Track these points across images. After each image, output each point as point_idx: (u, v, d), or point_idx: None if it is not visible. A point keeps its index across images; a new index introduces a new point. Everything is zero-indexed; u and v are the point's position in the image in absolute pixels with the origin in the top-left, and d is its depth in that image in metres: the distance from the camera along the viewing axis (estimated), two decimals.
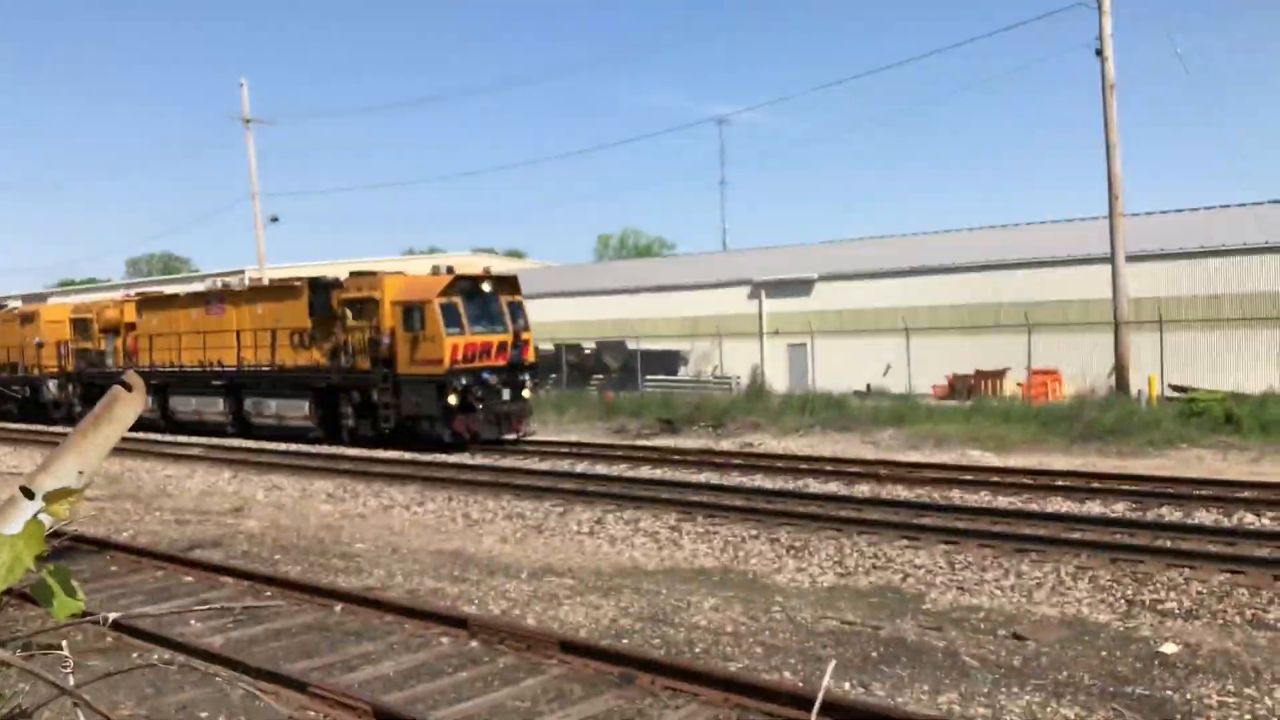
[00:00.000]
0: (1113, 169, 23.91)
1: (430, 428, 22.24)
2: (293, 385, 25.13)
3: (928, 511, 13.42)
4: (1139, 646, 7.95)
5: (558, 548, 12.67)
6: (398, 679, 7.37)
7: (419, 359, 22.06)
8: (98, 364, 32.22)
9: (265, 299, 26.45)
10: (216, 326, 27.57)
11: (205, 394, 28.08)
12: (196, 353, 28.14)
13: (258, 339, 26.01)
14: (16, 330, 36.92)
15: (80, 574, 11.22)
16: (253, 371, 26.32)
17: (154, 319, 30.13)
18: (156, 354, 29.60)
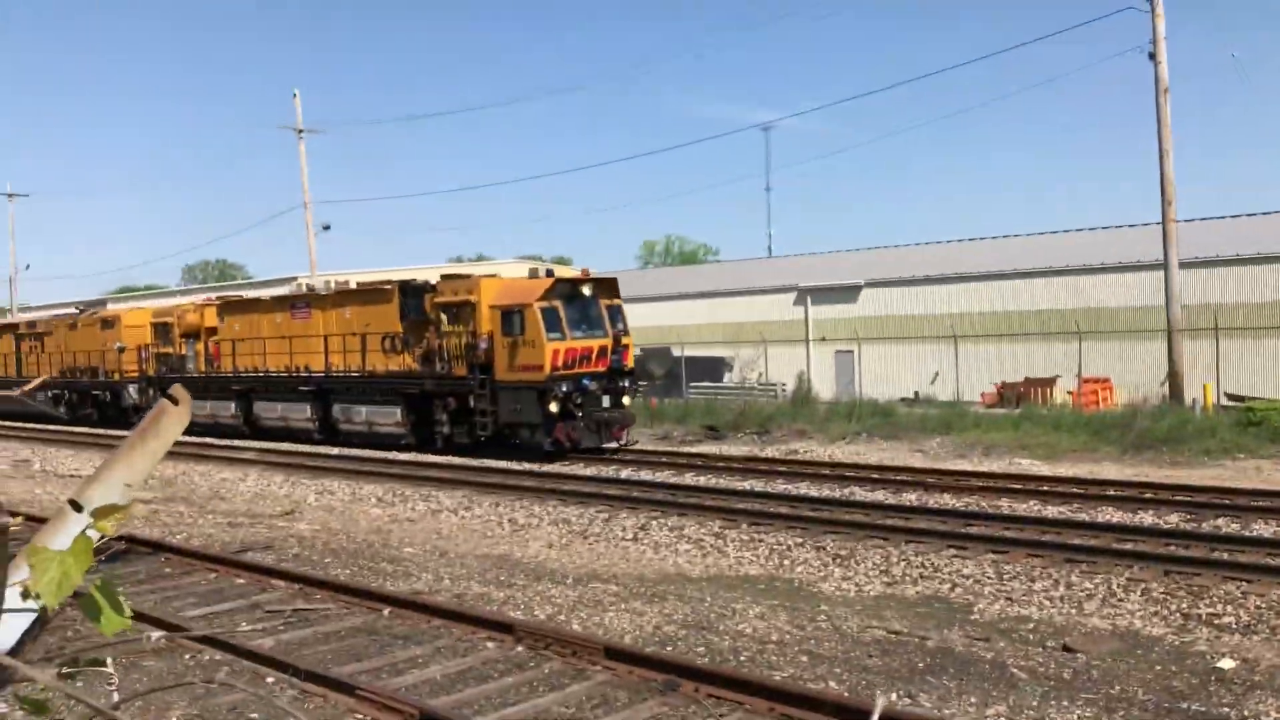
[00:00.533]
0: (1165, 173, 23.50)
1: (530, 435, 21.53)
2: (384, 391, 24.48)
3: (976, 520, 13.27)
4: (1195, 661, 7.79)
5: (602, 553, 12.70)
6: (444, 683, 7.43)
7: (518, 364, 21.35)
8: (178, 369, 31.81)
9: (353, 303, 25.82)
10: (302, 331, 27.05)
11: (291, 400, 27.31)
12: (281, 357, 27.52)
13: (346, 344, 25.45)
14: (96, 335, 36.43)
15: (135, 575, 11.46)
16: (341, 377, 25.73)
17: (236, 323, 29.70)
18: (239, 359, 29.21)
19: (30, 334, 41.41)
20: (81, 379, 36.84)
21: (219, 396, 29.75)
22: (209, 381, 30.00)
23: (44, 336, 40.01)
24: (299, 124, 42.56)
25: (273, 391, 27.96)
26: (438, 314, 23.39)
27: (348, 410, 25.57)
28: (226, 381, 29.53)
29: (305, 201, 42.85)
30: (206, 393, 29.65)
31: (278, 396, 27.80)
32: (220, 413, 29.86)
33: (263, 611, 9.72)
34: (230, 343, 29.59)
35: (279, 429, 27.78)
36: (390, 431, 24.43)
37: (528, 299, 21.30)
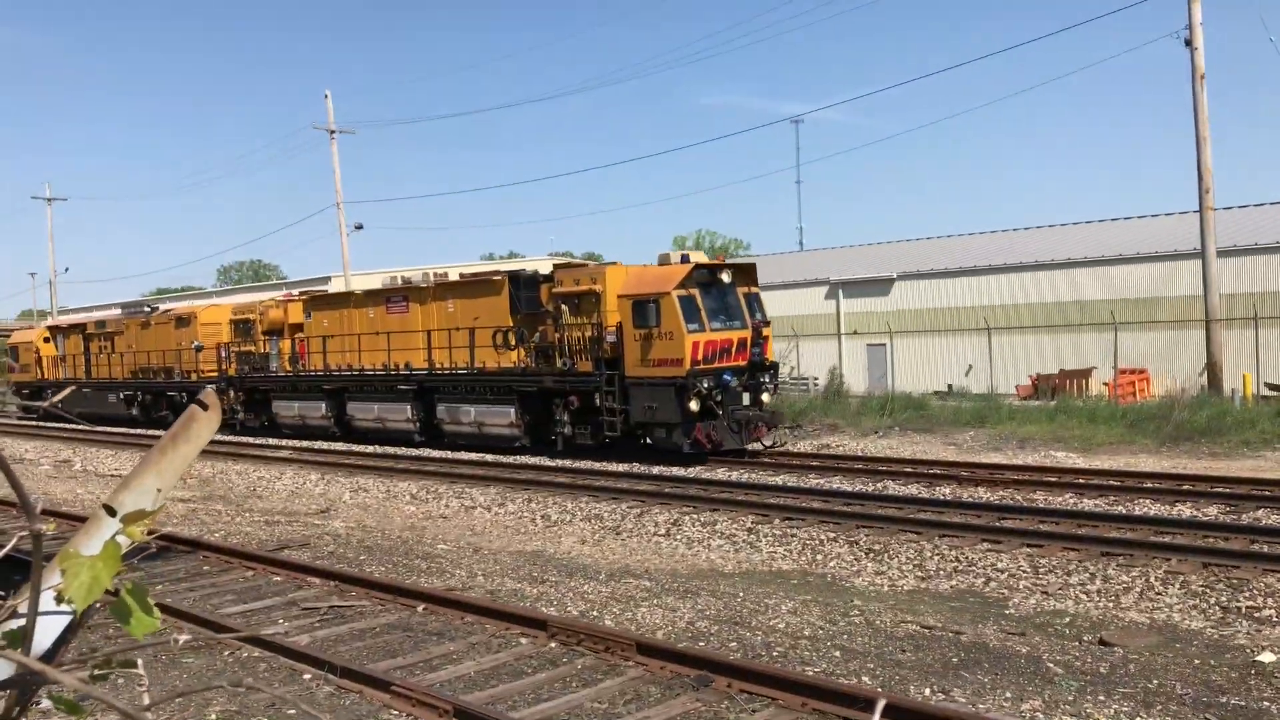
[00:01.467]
0: (1203, 161, 23.17)
1: (666, 436, 19.79)
2: (495, 390, 22.80)
3: (1010, 514, 13.16)
4: (1234, 655, 7.70)
5: (635, 549, 12.73)
6: (478, 679, 7.48)
7: (653, 359, 19.57)
8: (261, 368, 30.38)
9: (457, 295, 24.21)
10: (400, 326, 25.43)
11: (389, 399, 25.67)
12: (377, 355, 25.94)
13: (452, 339, 23.68)
14: (171, 333, 34.72)
15: (175, 573, 11.62)
16: (447, 375, 23.98)
17: (325, 319, 28.01)
18: (329, 356, 27.57)
19: (100, 334, 39.63)
20: (156, 380, 35.30)
21: (307, 397, 28.32)
22: (296, 381, 28.77)
23: (114, 336, 38.38)
24: (331, 124, 42.89)
25: (368, 391, 26.43)
26: (556, 305, 21.62)
27: (454, 410, 23.80)
28: (316, 381, 27.99)
29: (338, 202, 43.20)
30: (294, 393, 28.66)
31: (374, 396, 26.21)
32: (309, 414, 28.37)
33: (299, 609, 9.83)
34: (320, 339, 27.92)
35: (375, 431, 26.26)
36: (502, 433, 22.79)
37: (663, 287, 19.54)
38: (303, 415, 28.44)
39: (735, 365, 20.04)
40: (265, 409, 30.06)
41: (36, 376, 42.66)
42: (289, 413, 28.81)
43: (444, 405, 24.04)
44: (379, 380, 25.98)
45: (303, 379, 28.62)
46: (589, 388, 20.92)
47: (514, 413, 22.45)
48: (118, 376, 37.40)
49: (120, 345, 37.72)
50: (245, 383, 30.73)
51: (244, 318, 31.78)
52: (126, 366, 36.96)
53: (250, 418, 30.44)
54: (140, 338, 36.46)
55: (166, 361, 34.64)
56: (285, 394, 28.96)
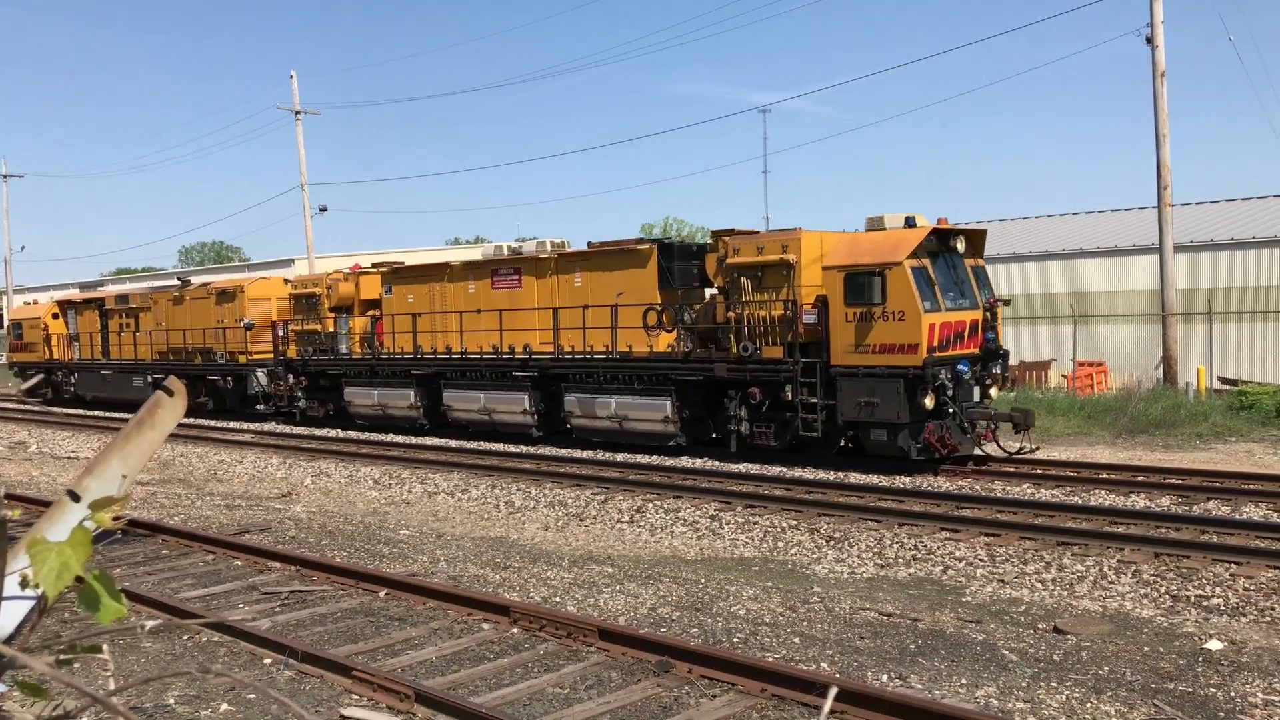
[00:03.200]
0: (1162, 158, 23.49)
1: (889, 439, 16.20)
2: (645, 379, 19.23)
3: (969, 503, 13.35)
4: (1183, 643, 7.87)
5: (598, 535, 12.77)
6: (440, 664, 7.50)
7: (873, 344, 16.11)
8: (328, 349, 26.63)
9: (588, 267, 20.83)
10: (510, 303, 22.07)
11: (500, 388, 22.01)
12: (482, 336, 22.49)
13: (586, 318, 20.14)
14: (210, 310, 30.75)
15: (133, 557, 11.52)
16: (581, 361, 20.37)
17: (410, 293, 24.54)
18: (417, 337, 24.06)
19: (121, 310, 35.02)
20: (192, 361, 31.18)
21: (389, 384, 24.49)
22: (375, 366, 24.92)
23: (139, 313, 33.90)
24: (296, 105, 42.41)
25: (471, 378, 22.78)
26: (732, 279, 18.12)
27: (587, 403, 20.23)
28: (403, 365, 24.24)
29: (302, 183, 42.78)
30: (372, 379, 24.99)
31: (479, 384, 22.56)
32: (392, 403, 24.49)
33: (260, 593, 9.78)
34: (405, 318, 24.38)
35: (479, 424, 22.73)
36: (651, 429, 19.23)
37: (893, 256, 16.04)
38: (384, 405, 24.66)
39: (969, 353, 16.63)
40: (333, 396, 26.45)
41: (44, 356, 38.52)
42: (365, 402, 25.12)
43: (574, 396, 20.52)
44: (487, 366, 22.40)
45: (386, 363, 24.71)
46: (777, 378, 17.34)
47: (669, 406, 18.83)
48: (144, 358, 33.17)
49: (147, 322, 33.53)
50: (308, 366, 27.02)
51: (307, 292, 27.61)
52: (155, 346, 32.84)
53: (314, 406, 27.03)
54: (172, 314, 32.41)
55: (206, 341, 30.76)
56: (361, 380, 25.28)
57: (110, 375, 34.58)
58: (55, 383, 38.44)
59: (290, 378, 27.46)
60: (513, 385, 21.75)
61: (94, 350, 35.90)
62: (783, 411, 17.53)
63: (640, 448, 19.31)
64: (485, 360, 22.45)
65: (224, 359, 29.84)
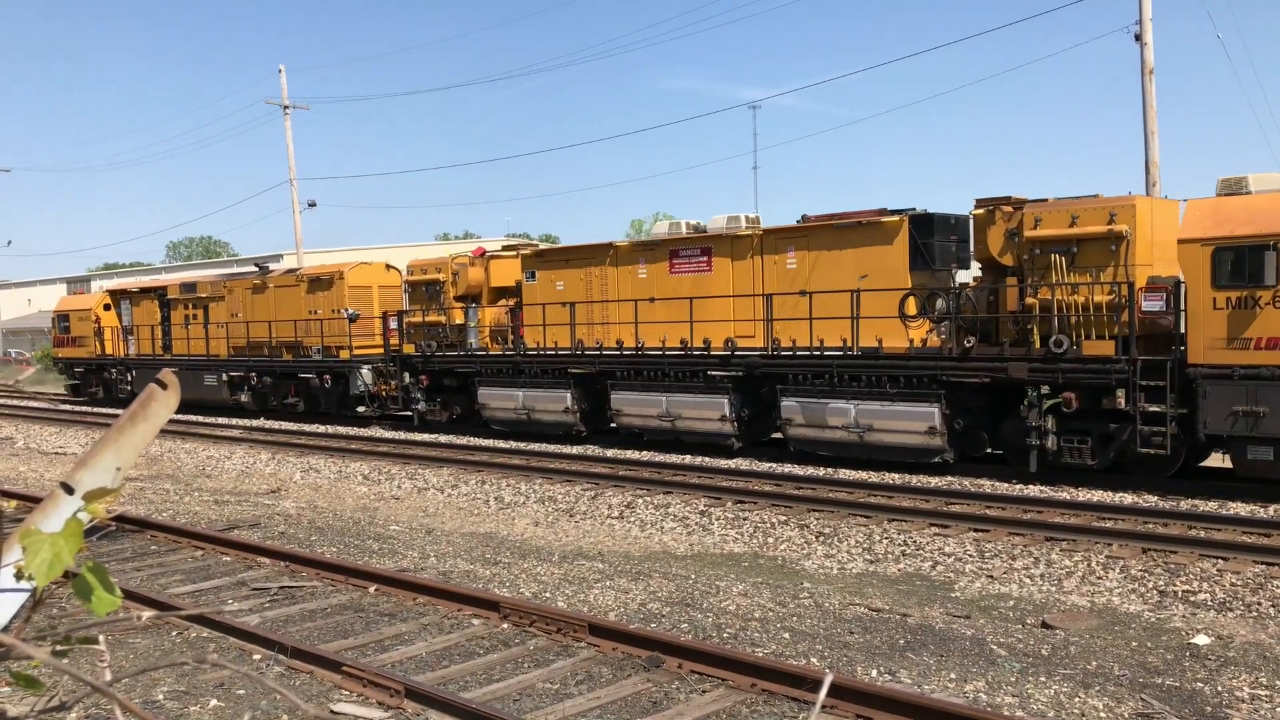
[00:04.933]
0: (1150, 155, 23.58)
1: (1277, 458, 12.88)
2: (900, 380, 15.94)
3: (958, 499, 13.40)
4: (1170, 637, 7.92)
5: (588, 531, 12.78)
6: (430, 660, 7.50)
7: (1258, 338, 12.96)
8: (455, 343, 23.44)
9: (807, 245, 17.71)
10: (696, 289, 18.99)
11: (689, 391, 18.72)
12: (659, 328, 19.30)
13: (811, 305, 16.83)
14: (300, 298, 27.38)
15: (122, 552, 11.48)
16: (806, 359, 17.10)
17: (559, 279, 21.33)
18: (573, 330, 20.76)
19: (187, 299, 31.43)
20: (278, 357, 27.84)
21: (538, 384, 21.06)
22: (521, 363, 21.47)
23: (209, 303, 30.48)
24: (284, 99, 42.26)
25: (648, 378, 19.38)
26: (1033, 255, 14.97)
27: (816, 410, 16.79)
28: (557, 363, 20.89)
29: (291, 178, 42.62)
30: (514, 379, 21.49)
31: (657, 385, 19.19)
32: (541, 407, 21.02)
33: (249, 589, 9.76)
34: (559, 307, 20.98)
35: (658, 431, 19.34)
36: (910, 443, 15.81)
37: None
38: (530, 408, 21.15)
39: None
40: (459, 399, 23.28)
41: (95, 352, 34.44)
42: (506, 405, 21.64)
43: (795, 401, 17.11)
44: (672, 364, 19.02)
45: (537, 360, 21.22)
46: (1104, 380, 14.12)
47: (936, 415, 15.43)
48: (217, 353, 29.71)
49: (219, 313, 30.08)
50: (430, 363, 23.50)
51: (427, 279, 24.21)
52: (231, 340, 29.31)
53: (435, 410, 23.67)
54: (251, 304, 28.93)
55: (298, 335, 27.21)
56: (499, 380, 21.80)
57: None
58: (107, 380, 34.56)
59: (406, 376, 24.02)
60: (706, 387, 18.49)
61: (155, 345, 32.43)
62: (1103, 422, 14.31)
63: (898, 464, 16.01)
64: (670, 357, 19.11)
65: (320, 354, 26.53)
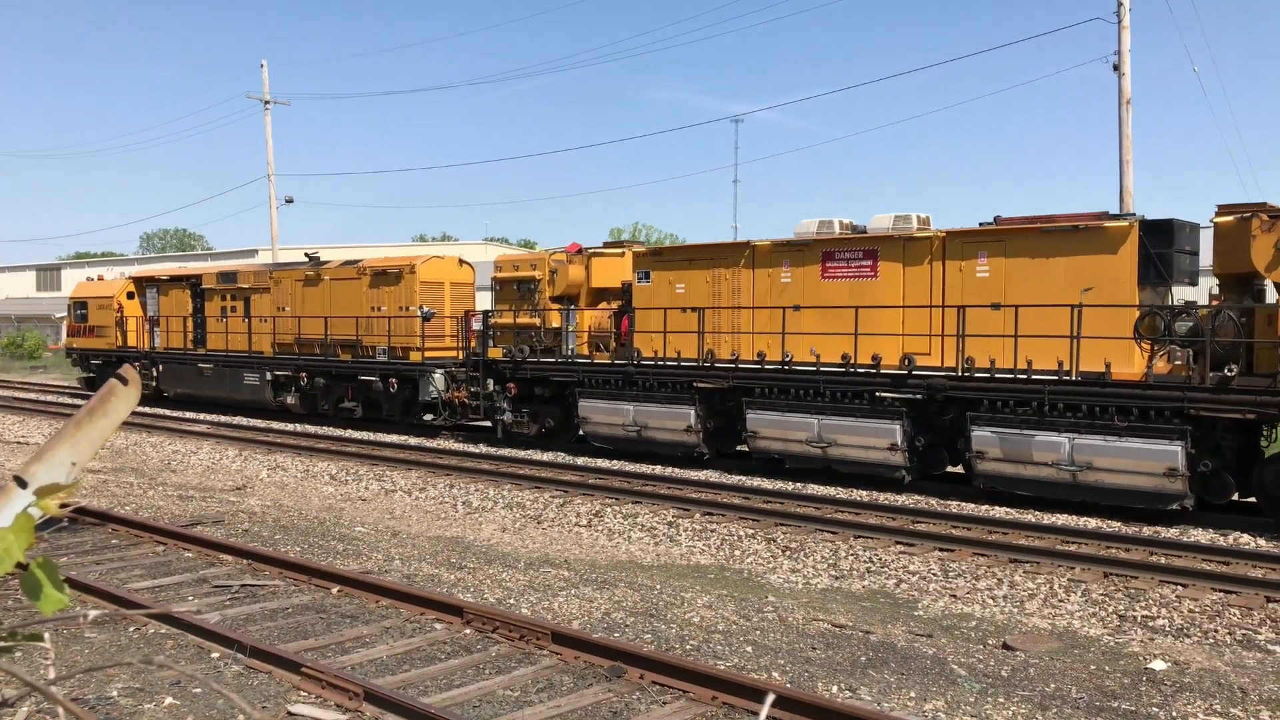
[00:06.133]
0: (1125, 184, 23.87)
1: None
2: (1128, 410, 13.79)
3: (924, 518, 13.47)
4: (1128, 662, 7.99)
5: (555, 539, 12.74)
6: (391, 663, 7.45)
7: None
8: (549, 347, 21.02)
9: (1004, 251, 15.38)
10: (856, 297, 16.52)
11: (850, 414, 16.31)
12: (806, 340, 16.94)
13: (1018, 320, 14.65)
14: (362, 293, 24.98)
15: (82, 546, 11.34)
16: (1009, 383, 14.77)
17: (678, 281, 19.00)
18: (701, 339, 18.28)
19: (224, 289, 28.87)
20: (333, 357, 25.31)
21: (653, 399, 18.72)
22: (634, 374, 19.01)
23: (251, 294, 27.89)
24: (265, 94, 42.03)
25: (796, 397, 16.99)
26: None
27: (1018, 443, 14.49)
28: (679, 376, 18.54)
29: (269, 174, 42.37)
30: (623, 391, 19.12)
31: (806, 406, 16.81)
32: (657, 424, 18.63)
33: (210, 586, 9.67)
34: (681, 313, 18.60)
35: (805, 458, 16.82)
36: (1143, 486, 13.59)
37: None
38: (642, 425, 18.75)
39: None
40: (551, 410, 21.07)
41: (116, 343, 31.85)
42: (612, 420, 19.25)
43: (990, 431, 14.80)
44: (829, 381, 16.60)
45: (654, 372, 18.84)
46: None
47: (1179, 455, 13.21)
48: (261, 350, 27.23)
49: (262, 307, 27.47)
50: (520, 369, 20.98)
51: (519, 276, 21.71)
52: (278, 336, 26.80)
53: (524, 422, 21.28)
54: (302, 297, 26.46)
55: (357, 332, 24.84)
56: (605, 391, 19.47)
57: (211, 370, 28.42)
58: None
59: (490, 384, 21.61)
60: (871, 410, 16.16)
61: (186, 338, 29.86)
62: None
63: (1104, 509, 14.01)
64: (827, 374, 16.63)
65: (385, 355, 24.13)
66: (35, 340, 56.96)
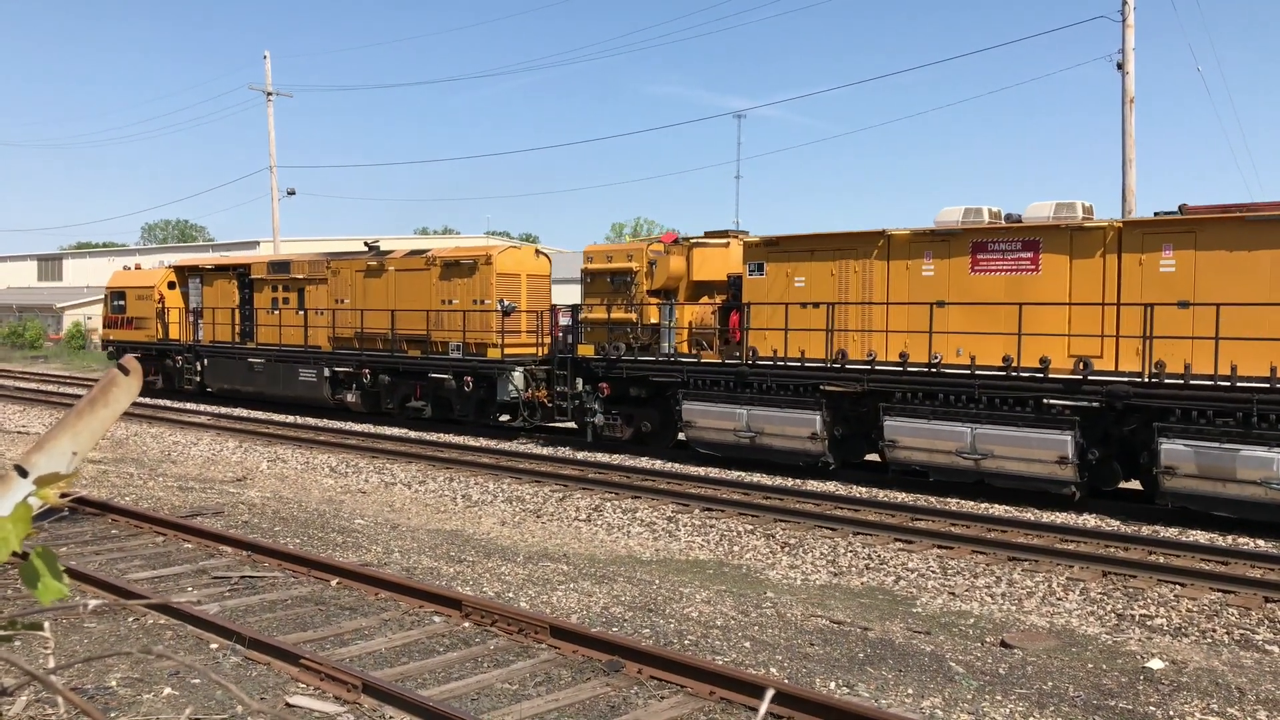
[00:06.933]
0: (1127, 183, 23.84)
1: None
2: None
3: (923, 515, 13.47)
4: (1126, 661, 8.00)
5: (555, 533, 12.76)
6: (389, 655, 7.46)
7: None
8: (645, 345, 19.27)
9: (1189, 242, 13.70)
10: (1015, 293, 14.78)
11: (1008, 423, 14.57)
12: (952, 340, 15.28)
13: (1216, 321, 12.89)
14: (430, 285, 23.26)
15: (81, 536, 11.35)
16: (1207, 389, 13.11)
17: (797, 274, 17.09)
18: (830, 337, 16.49)
19: (276, 280, 27.09)
20: (400, 352, 23.64)
21: (770, 403, 17.04)
22: (745, 375, 17.33)
23: (305, 285, 26.17)
24: (268, 86, 41.98)
25: (941, 404, 15.18)
26: None
27: (1218, 459, 12.87)
28: (802, 378, 16.76)
29: (271, 165, 42.34)
30: (735, 394, 17.44)
31: (960, 413, 15.00)
32: (775, 430, 16.95)
33: (210, 577, 9.68)
34: (801, 309, 16.96)
35: (956, 471, 15.05)
36: None
37: None
38: (758, 431, 17.17)
39: None
40: (651, 412, 19.54)
41: (157, 335, 30.22)
42: (721, 425, 17.63)
43: (1183, 445, 13.15)
44: (986, 386, 14.79)
45: (767, 372, 17.16)
46: None
47: None
48: (318, 344, 25.54)
49: (318, 298, 25.81)
50: (614, 369, 19.33)
51: (614, 268, 19.92)
52: (338, 330, 25.05)
53: (617, 425, 19.67)
54: (364, 289, 24.73)
55: (427, 326, 23.19)
56: (713, 394, 17.81)
57: (263, 365, 26.75)
58: (170, 370, 30.14)
59: (579, 383, 20.18)
60: (1037, 419, 14.43)
61: (234, 331, 28.18)
62: None
63: None
64: (984, 378, 14.81)
65: (459, 351, 22.44)
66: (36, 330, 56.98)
